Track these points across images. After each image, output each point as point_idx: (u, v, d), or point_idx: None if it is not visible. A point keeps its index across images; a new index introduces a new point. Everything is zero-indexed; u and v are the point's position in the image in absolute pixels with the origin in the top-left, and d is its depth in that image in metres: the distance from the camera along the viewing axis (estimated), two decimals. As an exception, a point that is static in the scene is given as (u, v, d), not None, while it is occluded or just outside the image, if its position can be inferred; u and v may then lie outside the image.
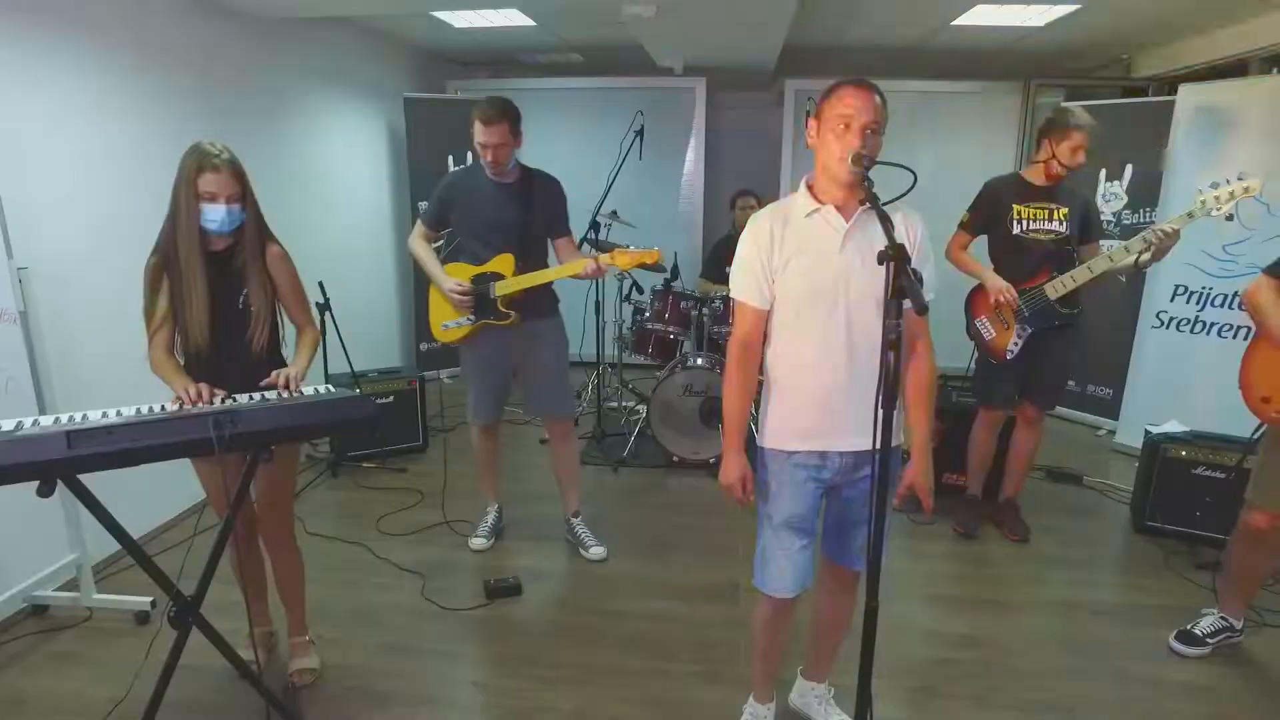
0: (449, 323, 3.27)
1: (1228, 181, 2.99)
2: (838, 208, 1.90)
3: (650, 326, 4.68)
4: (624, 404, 5.27)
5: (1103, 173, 5.17)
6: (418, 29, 5.59)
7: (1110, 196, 5.16)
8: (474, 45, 6.19)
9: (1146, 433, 3.83)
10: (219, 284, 2.28)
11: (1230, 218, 3.86)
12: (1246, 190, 2.96)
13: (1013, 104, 6.10)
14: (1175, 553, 3.55)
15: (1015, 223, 3.36)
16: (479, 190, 3.17)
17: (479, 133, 3.02)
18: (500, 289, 3.15)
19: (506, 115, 3.03)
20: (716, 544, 3.62)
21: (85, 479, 1.86)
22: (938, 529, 3.79)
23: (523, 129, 3.13)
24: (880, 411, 1.44)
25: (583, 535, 3.53)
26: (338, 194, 5.31)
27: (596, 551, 3.48)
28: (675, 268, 4.84)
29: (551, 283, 3.29)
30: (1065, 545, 3.67)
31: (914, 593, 3.27)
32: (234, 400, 2.11)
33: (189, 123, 3.75)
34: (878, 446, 1.45)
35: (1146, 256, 3.11)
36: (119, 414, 1.90)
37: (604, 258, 3.12)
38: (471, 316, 3.21)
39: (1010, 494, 3.78)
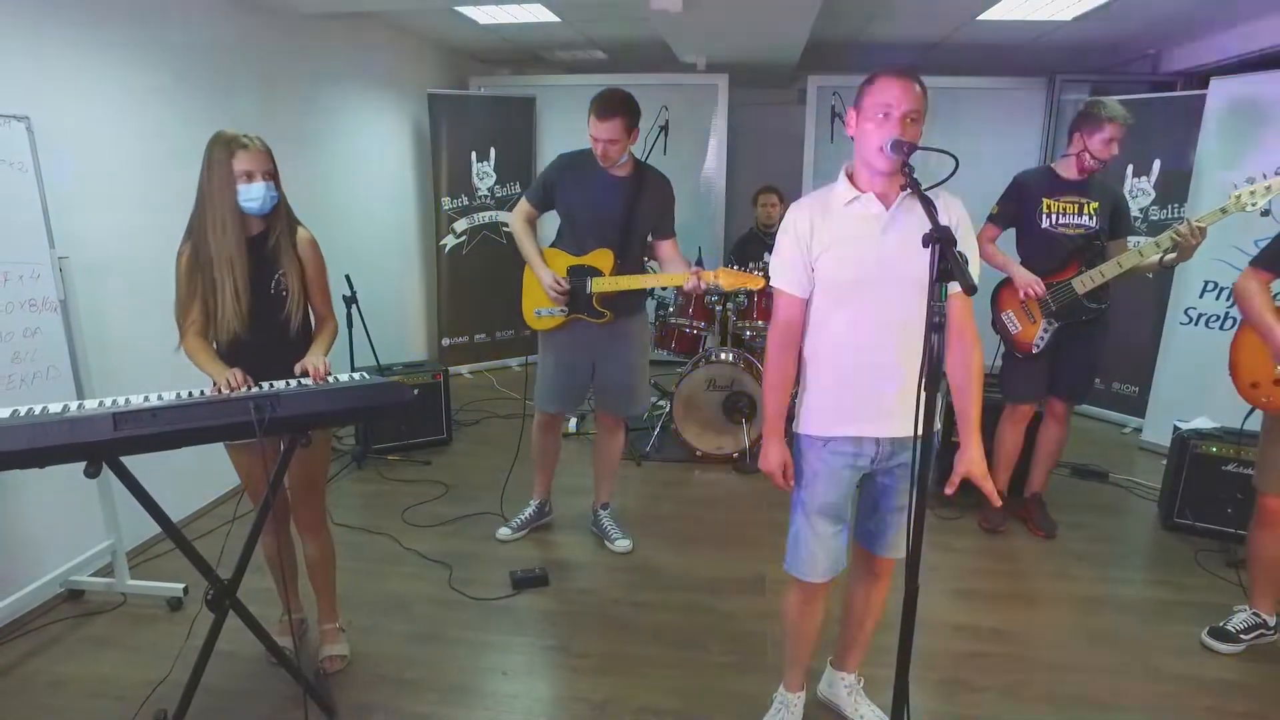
0: (543, 310, 3.19)
1: (1264, 176, 2.97)
2: (878, 195, 1.91)
3: (674, 321, 4.68)
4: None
5: (1130, 168, 5.13)
6: (442, 25, 5.62)
7: (1138, 192, 5.11)
8: (498, 41, 6.22)
9: (1175, 429, 3.80)
10: (255, 268, 2.29)
11: (1266, 213, 3.83)
12: None
13: (1037, 100, 6.05)
14: (1205, 549, 3.51)
15: (1044, 216, 3.34)
16: (590, 178, 3.08)
17: (592, 126, 2.95)
18: (597, 286, 3.08)
19: (621, 111, 2.93)
20: (741, 537, 3.62)
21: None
22: (964, 524, 3.78)
23: (637, 128, 3.03)
24: (924, 394, 1.44)
25: (608, 528, 3.55)
26: (363, 189, 5.36)
27: (622, 545, 3.49)
28: (700, 262, 4.84)
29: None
30: (1092, 541, 3.65)
31: (941, 586, 3.26)
32: (271, 385, 2.13)
33: (219, 116, 3.76)
34: (919, 433, 1.44)
35: (1172, 256, 3.09)
36: (160, 398, 1.92)
37: (708, 275, 3.00)
38: (565, 309, 3.14)
39: (1036, 489, 3.75)
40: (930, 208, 1.47)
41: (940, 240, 1.36)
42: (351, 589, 3.09)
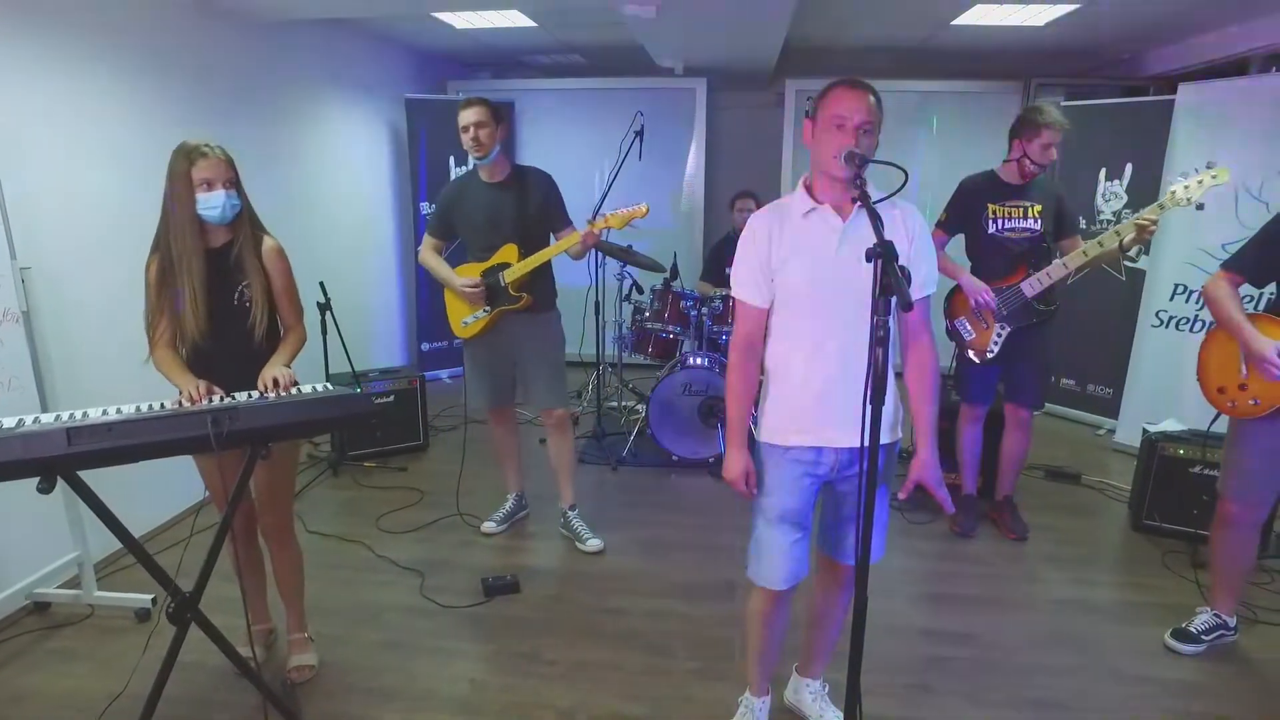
0: (468, 318, 3.41)
1: (1196, 171, 3.04)
2: (835, 207, 1.92)
3: (650, 326, 4.70)
4: (624, 404, 5.28)
5: (1103, 172, 5.18)
6: (418, 30, 5.61)
7: (1110, 195, 5.17)
8: (475, 46, 6.22)
9: (1144, 431, 3.84)
10: (217, 278, 2.30)
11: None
12: (1215, 179, 3.01)
13: (1013, 104, 6.09)
14: (1173, 551, 3.55)
15: (990, 222, 3.39)
16: (474, 194, 3.34)
17: (460, 119, 3.18)
18: (509, 275, 3.29)
19: (480, 101, 3.21)
20: (715, 543, 3.63)
21: (88, 477, 1.89)
22: (935, 528, 3.81)
23: (505, 121, 3.31)
24: (869, 408, 1.45)
25: (579, 529, 3.58)
26: (340, 195, 5.34)
27: (593, 544, 3.52)
28: (675, 267, 4.86)
29: (552, 279, 3.44)
30: (1063, 544, 3.68)
31: (911, 591, 3.28)
32: (233, 398, 2.12)
33: (188, 125, 3.77)
34: (866, 443, 1.46)
35: (1130, 237, 3.12)
36: (119, 411, 1.92)
37: (598, 223, 3.26)
38: (487, 308, 3.35)
39: (1007, 492, 3.78)
40: (876, 221, 1.49)
41: (882, 255, 1.37)
42: (323, 597, 3.09)
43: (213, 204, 2.20)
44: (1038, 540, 3.69)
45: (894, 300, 1.45)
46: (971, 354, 3.54)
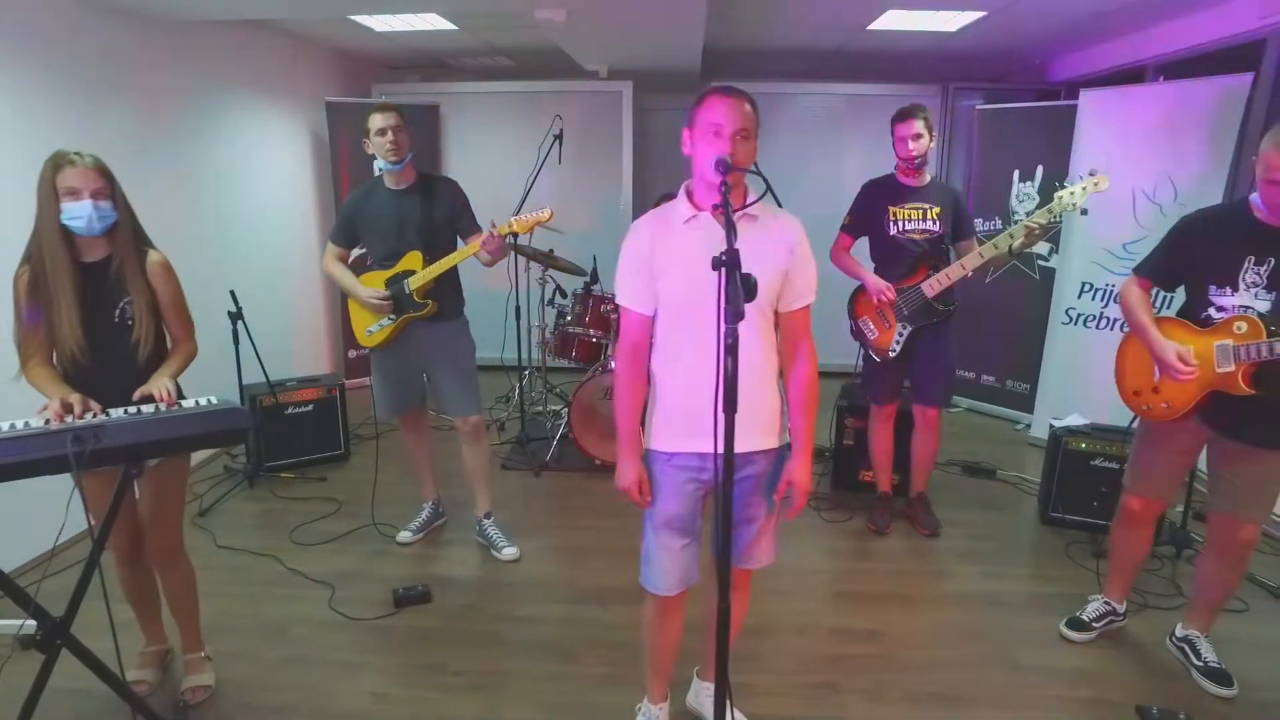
0: (372, 327, 3.37)
1: (1081, 178, 3.19)
2: (714, 214, 1.93)
3: (572, 330, 4.68)
4: (549, 408, 5.26)
5: (1016, 174, 5.32)
6: (338, 33, 5.51)
7: (1024, 197, 5.31)
8: (400, 49, 6.14)
9: (1050, 426, 3.96)
10: (95, 294, 2.23)
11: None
12: (1097, 185, 3.15)
13: (932, 106, 6.22)
14: (1076, 542, 3.66)
15: (891, 223, 3.47)
16: (379, 201, 3.29)
17: (376, 123, 3.14)
18: (413, 283, 3.25)
19: (392, 107, 3.20)
20: (632, 547, 3.54)
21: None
22: (853, 526, 3.87)
23: (412, 132, 3.28)
24: (720, 416, 1.47)
25: (494, 537, 3.55)
26: (258, 201, 5.22)
27: (509, 552, 3.50)
28: (595, 271, 4.85)
29: (459, 287, 3.43)
30: (974, 538, 3.77)
31: (824, 590, 3.33)
32: (107, 414, 2.06)
33: (87, 131, 3.66)
34: (717, 450, 1.47)
35: (1019, 242, 3.25)
36: (-22, 431, 1.84)
37: (501, 226, 3.20)
38: (392, 316, 3.31)
39: (920, 489, 3.86)
40: (731, 233, 1.50)
41: (726, 265, 1.39)
42: (227, 614, 3.03)
43: (77, 214, 2.12)
44: (950, 535, 3.78)
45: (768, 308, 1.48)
46: (874, 353, 3.61)
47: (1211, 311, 2.44)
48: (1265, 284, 2.33)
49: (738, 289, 1.33)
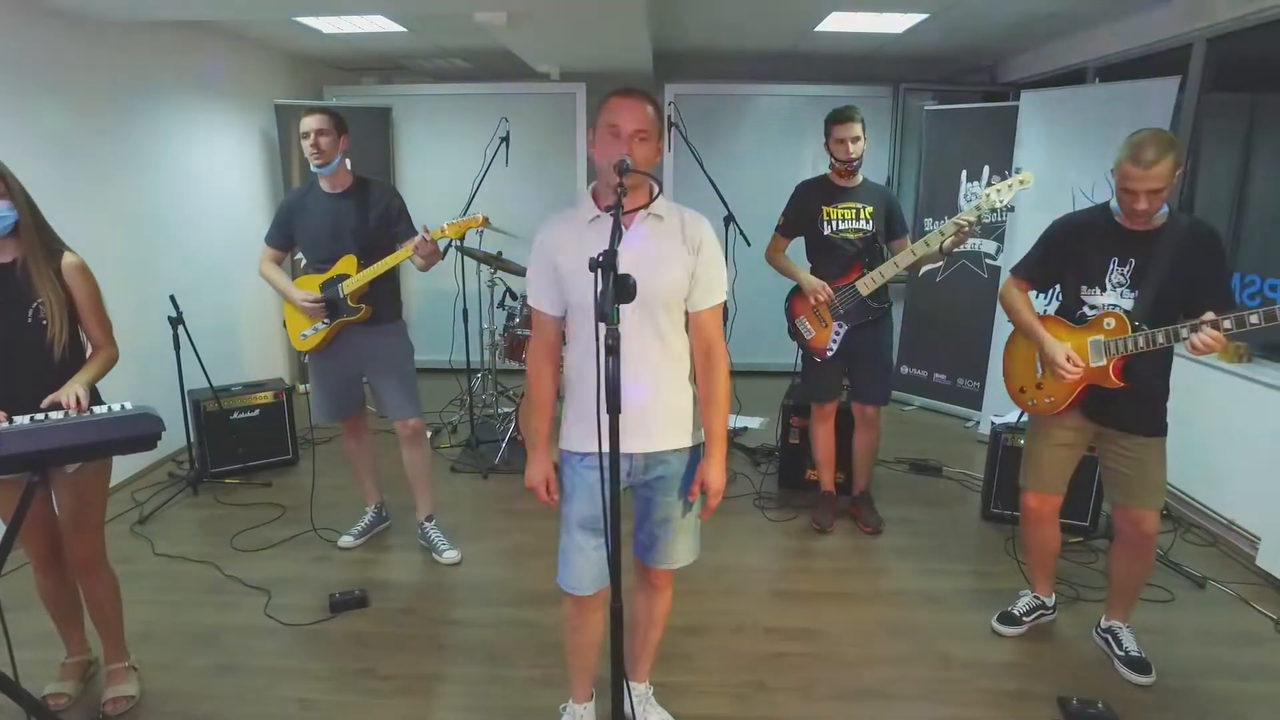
0: (306, 331, 3.35)
1: (1004, 176, 3.23)
2: (618, 214, 1.94)
3: (521, 332, 4.67)
4: (500, 410, 5.24)
5: (964, 173, 5.39)
6: (285, 34, 5.45)
7: (971, 196, 5.37)
8: (353, 51, 6.09)
9: (991, 423, 4.00)
10: (3, 297, 2.20)
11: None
12: (1022, 183, 3.20)
13: (884, 108, 6.28)
14: (1014, 538, 3.69)
15: (825, 223, 3.50)
16: (314, 204, 3.28)
17: (301, 126, 3.13)
18: (347, 287, 3.24)
19: (323, 109, 3.19)
20: (576, 548, 3.62)
21: None
22: (796, 525, 3.89)
23: (348, 132, 3.24)
24: (603, 417, 1.47)
25: (435, 540, 3.54)
26: (206, 204, 5.14)
27: (450, 555, 3.48)
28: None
29: (396, 290, 3.42)
30: (915, 535, 3.80)
31: (763, 589, 3.34)
32: (10, 421, 2.02)
33: (15, 136, 3.60)
34: (602, 449, 1.47)
35: (949, 240, 3.29)
36: None
37: (435, 232, 3.18)
38: (326, 320, 3.29)
39: (862, 487, 3.89)
40: (616, 232, 1.50)
41: (600, 266, 1.39)
42: (158, 623, 2.99)
43: None
44: (893, 533, 3.81)
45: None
46: (812, 353, 3.63)
47: (1085, 310, 2.57)
48: (1129, 283, 2.48)
49: (609, 290, 1.34)
